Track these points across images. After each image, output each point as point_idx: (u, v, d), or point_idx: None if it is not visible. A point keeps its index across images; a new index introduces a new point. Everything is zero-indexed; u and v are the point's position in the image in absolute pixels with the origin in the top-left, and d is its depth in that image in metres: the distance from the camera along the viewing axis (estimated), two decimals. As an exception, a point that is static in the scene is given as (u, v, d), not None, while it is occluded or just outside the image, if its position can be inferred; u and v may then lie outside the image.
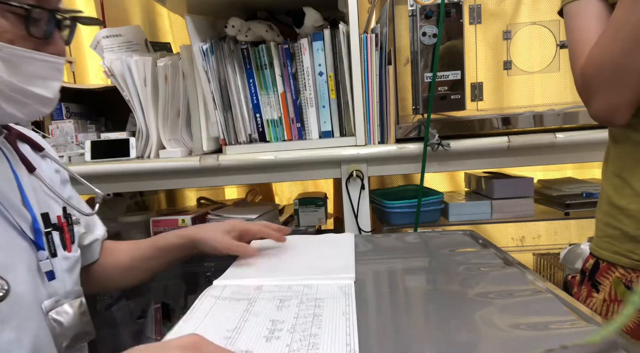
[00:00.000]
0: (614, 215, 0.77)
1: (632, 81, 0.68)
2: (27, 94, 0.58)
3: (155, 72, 1.28)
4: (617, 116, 0.72)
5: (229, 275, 0.77)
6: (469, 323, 0.57)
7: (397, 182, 1.89)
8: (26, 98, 0.59)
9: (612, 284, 0.77)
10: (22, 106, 0.59)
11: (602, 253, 0.80)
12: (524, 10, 1.22)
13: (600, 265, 0.80)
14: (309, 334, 0.54)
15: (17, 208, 0.65)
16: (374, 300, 0.67)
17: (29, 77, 0.58)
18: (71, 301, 0.69)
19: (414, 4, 1.16)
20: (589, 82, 0.73)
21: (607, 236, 0.79)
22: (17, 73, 0.56)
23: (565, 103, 1.22)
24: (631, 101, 0.70)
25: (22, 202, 0.66)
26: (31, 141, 0.75)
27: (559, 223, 1.84)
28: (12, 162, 0.68)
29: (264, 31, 1.22)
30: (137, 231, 1.36)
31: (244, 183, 1.59)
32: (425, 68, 1.17)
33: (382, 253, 0.90)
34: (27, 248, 0.64)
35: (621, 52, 0.67)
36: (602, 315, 0.78)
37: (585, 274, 0.83)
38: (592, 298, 0.81)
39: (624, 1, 0.67)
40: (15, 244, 0.63)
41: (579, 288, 0.85)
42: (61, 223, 0.72)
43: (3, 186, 0.63)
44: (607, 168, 0.81)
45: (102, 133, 1.38)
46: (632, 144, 0.74)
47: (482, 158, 1.22)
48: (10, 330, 0.59)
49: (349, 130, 1.24)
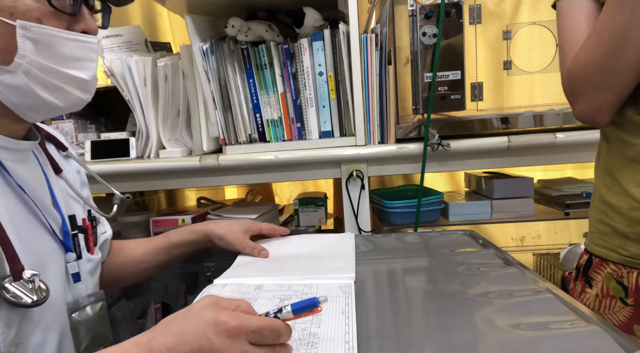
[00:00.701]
0: (605, 212, 0.79)
1: (614, 84, 0.70)
2: (62, 77, 0.56)
3: (155, 72, 1.28)
4: (599, 118, 0.75)
5: (229, 274, 0.77)
6: (469, 323, 0.57)
7: (397, 182, 1.89)
8: (61, 82, 0.57)
9: (604, 279, 0.79)
10: (58, 92, 0.57)
11: (594, 248, 0.81)
12: (524, 10, 1.22)
13: (593, 261, 0.81)
14: (308, 333, 0.54)
15: (49, 210, 0.65)
16: (374, 300, 0.67)
17: (61, 59, 0.55)
18: (93, 304, 0.70)
19: (414, 4, 1.16)
20: (574, 84, 0.74)
21: (599, 232, 0.80)
22: (49, 54, 0.54)
23: (565, 103, 1.20)
24: (614, 102, 0.72)
25: (53, 203, 0.67)
26: (56, 141, 0.75)
27: (559, 223, 1.84)
28: (42, 164, 0.68)
29: (264, 31, 1.22)
30: (137, 231, 1.36)
31: (244, 183, 1.59)
32: (425, 68, 1.17)
33: (382, 253, 0.90)
34: (57, 250, 0.65)
35: (604, 55, 0.69)
36: (595, 309, 0.80)
37: (580, 270, 0.85)
38: (585, 293, 0.82)
39: (608, 4, 0.68)
40: (47, 245, 0.64)
41: (574, 283, 0.86)
42: (86, 225, 0.73)
43: (35, 187, 0.63)
44: (598, 166, 0.83)
45: (102, 133, 1.38)
46: (621, 144, 0.75)
47: (482, 158, 1.22)
48: (39, 333, 0.60)
49: (349, 130, 1.24)
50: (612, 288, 0.77)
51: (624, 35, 0.66)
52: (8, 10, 0.51)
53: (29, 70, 0.54)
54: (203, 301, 0.49)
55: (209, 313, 0.46)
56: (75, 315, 0.66)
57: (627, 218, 0.74)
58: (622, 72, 0.68)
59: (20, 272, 0.54)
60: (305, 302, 0.49)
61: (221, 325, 0.45)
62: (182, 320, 0.47)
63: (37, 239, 0.62)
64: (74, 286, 0.67)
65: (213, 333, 0.44)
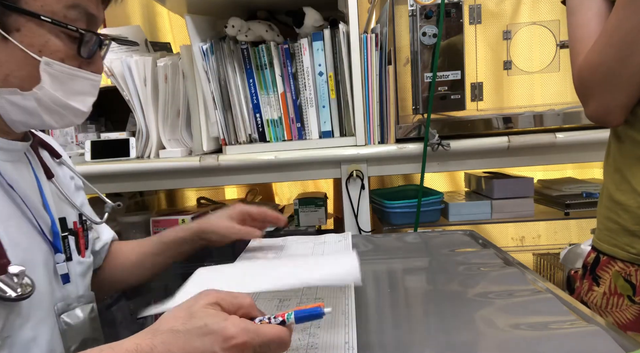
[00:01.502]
0: (614, 210, 0.79)
1: (625, 85, 0.71)
2: (66, 108, 0.64)
3: (155, 72, 1.28)
4: (611, 118, 0.76)
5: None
6: (469, 323, 0.57)
7: (397, 182, 1.89)
8: (64, 111, 0.64)
9: (611, 277, 0.79)
10: (59, 117, 0.64)
11: (602, 245, 0.81)
12: (524, 10, 1.22)
13: (601, 259, 0.81)
14: (308, 333, 0.54)
15: (39, 211, 0.66)
16: (374, 300, 0.67)
17: (70, 93, 0.63)
18: (83, 306, 0.70)
19: (414, 4, 1.16)
20: (585, 85, 0.75)
21: (607, 229, 0.80)
22: (62, 88, 0.62)
23: (565, 103, 1.22)
24: (625, 103, 0.73)
25: (43, 205, 0.68)
26: (50, 148, 0.77)
27: (559, 223, 1.84)
28: (33, 166, 0.70)
29: (264, 31, 1.22)
30: (137, 231, 1.36)
31: (244, 183, 1.59)
32: (425, 68, 1.17)
33: (382, 253, 0.90)
34: (46, 250, 0.66)
35: (615, 57, 0.70)
36: (602, 308, 0.80)
37: (587, 268, 0.85)
38: (592, 291, 0.82)
39: (618, 6, 0.69)
40: (36, 245, 0.64)
41: (581, 282, 0.86)
42: (77, 228, 0.73)
43: (26, 188, 0.65)
44: (608, 164, 0.83)
45: (102, 133, 1.37)
46: (632, 142, 0.76)
47: (482, 158, 1.22)
48: (29, 329, 0.60)
49: (349, 130, 1.24)
50: (619, 286, 0.77)
51: (633, 38, 0.67)
52: (38, 47, 0.58)
53: (41, 98, 0.61)
54: (203, 300, 0.47)
55: (216, 323, 0.44)
56: (65, 315, 0.66)
57: (636, 216, 0.74)
58: (633, 74, 0.69)
59: (5, 266, 0.56)
60: (309, 311, 0.48)
61: (229, 340, 0.44)
62: (186, 328, 0.45)
63: (24, 237, 0.62)
64: (63, 288, 0.68)
65: (220, 348, 0.43)
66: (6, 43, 0.57)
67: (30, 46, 0.58)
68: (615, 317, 0.78)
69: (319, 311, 0.47)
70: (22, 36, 0.57)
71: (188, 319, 0.45)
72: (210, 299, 0.47)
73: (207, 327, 0.44)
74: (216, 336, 0.44)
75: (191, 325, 0.45)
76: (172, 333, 0.44)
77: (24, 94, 0.60)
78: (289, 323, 0.48)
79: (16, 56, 0.58)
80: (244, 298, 0.49)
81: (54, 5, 0.58)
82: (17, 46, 0.57)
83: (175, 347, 0.44)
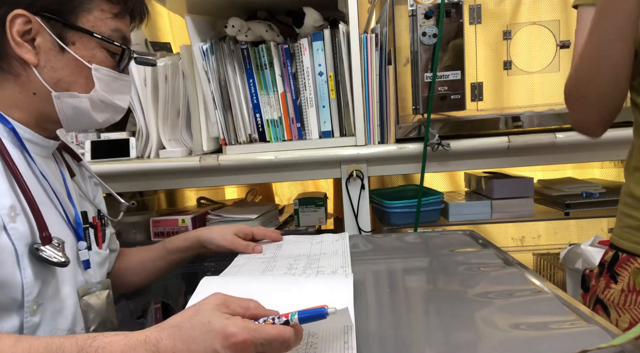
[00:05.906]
0: (635, 206, 0.79)
1: (593, 103, 0.75)
2: (111, 105, 0.76)
3: (155, 72, 1.28)
4: (589, 132, 0.80)
5: (228, 274, 0.77)
6: (469, 323, 0.57)
7: (397, 182, 1.89)
8: (109, 108, 0.76)
9: (630, 274, 0.79)
10: (104, 113, 0.76)
11: (622, 243, 0.82)
12: (524, 10, 1.22)
13: (620, 257, 0.82)
14: (307, 333, 0.54)
15: (65, 201, 0.75)
16: (374, 300, 0.67)
17: (114, 92, 0.75)
18: (101, 291, 0.77)
19: (414, 4, 1.16)
20: (566, 99, 0.80)
21: (627, 226, 0.81)
22: (108, 89, 0.74)
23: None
24: (597, 120, 0.77)
25: (68, 197, 0.77)
26: (72, 152, 0.87)
27: (559, 223, 1.84)
28: (59, 165, 0.80)
29: (264, 31, 1.22)
30: (137, 231, 1.36)
31: (244, 183, 1.59)
32: (425, 68, 1.17)
33: (382, 253, 0.90)
34: (71, 236, 0.74)
35: (584, 75, 0.74)
36: (619, 305, 0.80)
37: (604, 266, 0.85)
38: (610, 289, 0.83)
39: (591, 23, 0.73)
40: (62, 229, 0.72)
41: (597, 280, 0.87)
42: (96, 222, 0.82)
43: (54, 180, 0.74)
44: (629, 163, 0.83)
45: (102, 132, 1.37)
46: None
47: (482, 158, 1.22)
48: (58, 301, 0.68)
49: (349, 130, 1.24)
50: (638, 283, 0.78)
51: (598, 59, 0.70)
52: (88, 58, 0.71)
53: (93, 98, 0.72)
54: (212, 301, 0.50)
55: (218, 321, 0.47)
56: (86, 297, 0.74)
57: None
58: (599, 94, 0.73)
59: (49, 239, 0.65)
60: (312, 312, 0.48)
61: (229, 338, 0.46)
62: (191, 324, 0.48)
63: (54, 222, 0.70)
64: (85, 272, 0.75)
65: (220, 346, 0.46)
66: (63, 53, 0.69)
67: (82, 56, 0.70)
68: (632, 314, 0.78)
69: (323, 311, 0.48)
70: (76, 49, 0.70)
71: (194, 316, 0.49)
72: (218, 300, 0.51)
73: (210, 324, 0.47)
74: (217, 333, 0.47)
75: (196, 321, 0.48)
76: (178, 328, 0.48)
77: (81, 97, 0.71)
78: (293, 323, 0.48)
79: (70, 64, 0.70)
80: (250, 301, 0.52)
81: (102, 27, 0.71)
82: (73, 55, 0.69)
83: (180, 340, 0.47)
